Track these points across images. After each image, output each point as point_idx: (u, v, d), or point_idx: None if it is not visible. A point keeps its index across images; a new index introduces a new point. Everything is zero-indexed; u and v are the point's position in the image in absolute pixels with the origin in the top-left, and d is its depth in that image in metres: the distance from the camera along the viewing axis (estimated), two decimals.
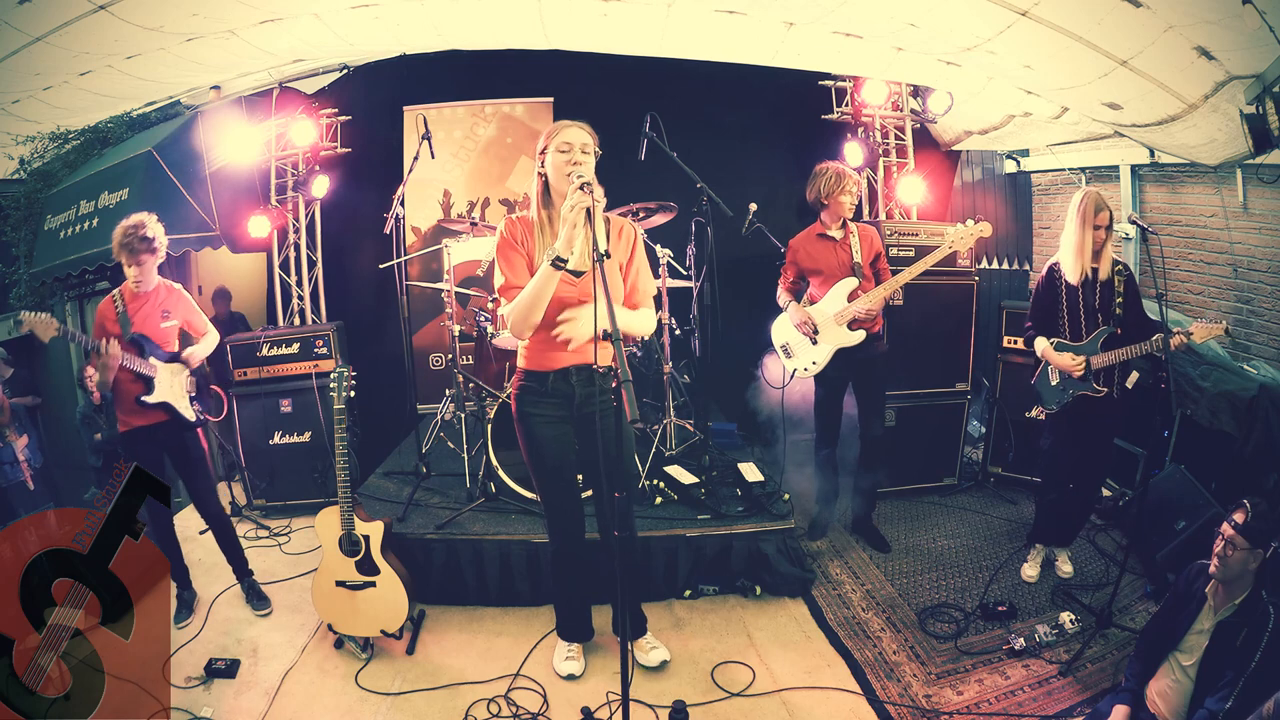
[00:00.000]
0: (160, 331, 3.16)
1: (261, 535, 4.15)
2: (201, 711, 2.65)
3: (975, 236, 3.33)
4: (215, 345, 3.41)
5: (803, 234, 3.60)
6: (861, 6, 2.93)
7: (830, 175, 3.45)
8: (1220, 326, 2.78)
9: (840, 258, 3.51)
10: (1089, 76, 2.92)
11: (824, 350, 3.52)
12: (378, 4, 3.36)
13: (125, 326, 3.06)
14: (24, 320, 2.78)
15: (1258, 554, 2.07)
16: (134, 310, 3.10)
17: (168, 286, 3.24)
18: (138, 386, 3.07)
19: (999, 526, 3.98)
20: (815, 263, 3.54)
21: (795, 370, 3.62)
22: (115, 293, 3.11)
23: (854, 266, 3.49)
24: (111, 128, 4.56)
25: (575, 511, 2.72)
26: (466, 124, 5.45)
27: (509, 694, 2.73)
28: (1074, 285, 3.06)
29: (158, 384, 3.10)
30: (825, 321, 3.49)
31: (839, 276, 3.49)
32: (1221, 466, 3.40)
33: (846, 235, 3.52)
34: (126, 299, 3.10)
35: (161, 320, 3.16)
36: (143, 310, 3.12)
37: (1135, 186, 4.48)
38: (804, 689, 2.73)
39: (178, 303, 3.24)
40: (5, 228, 4.47)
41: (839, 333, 3.48)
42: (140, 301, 3.12)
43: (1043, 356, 3.19)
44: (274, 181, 5.00)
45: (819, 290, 3.55)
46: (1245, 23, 2.14)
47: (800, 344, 3.58)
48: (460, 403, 4.01)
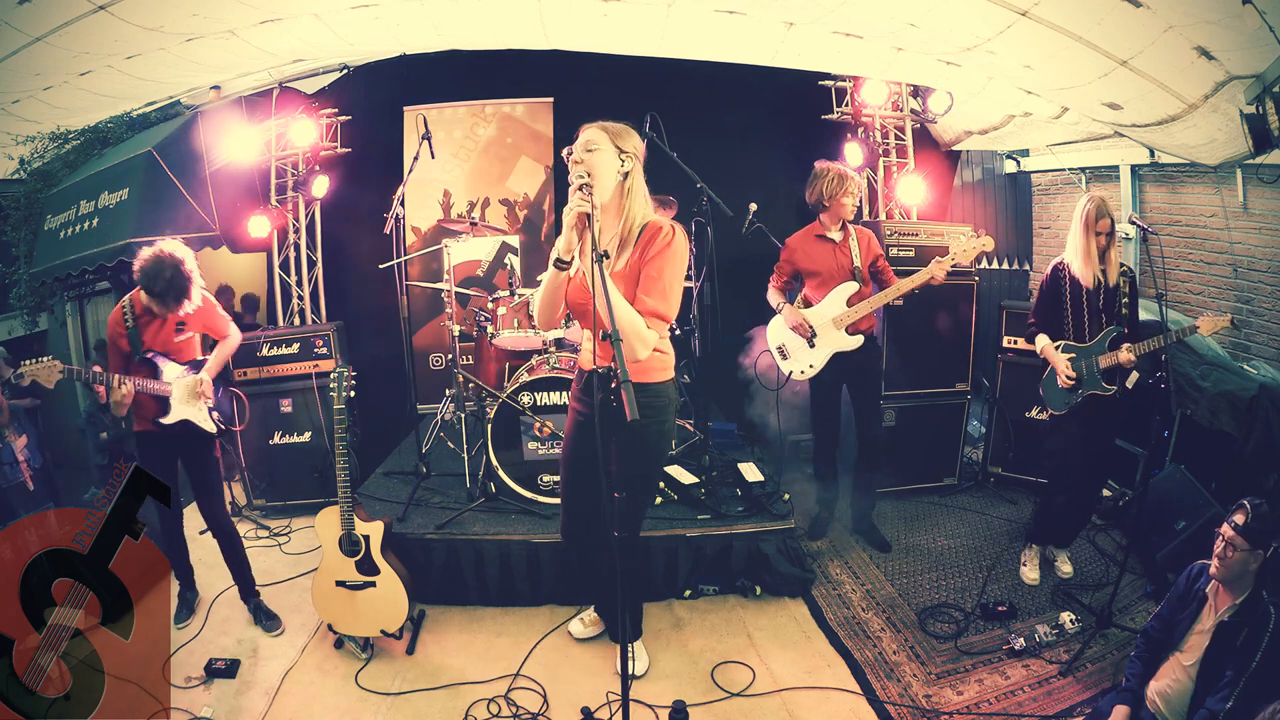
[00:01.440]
0: (175, 345, 3.00)
1: (261, 535, 4.15)
2: (201, 711, 2.65)
3: (977, 251, 3.30)
4: (237, 345, 3.26)
5: (800, 234, 3.59)
6: (861, 7, 2.93)
7: (832, 177, 3.43)
8: (1226, 319, 2.80)
9: (840, 261, 3.50)
10: (1089, 76, 2.92)
11: (821, 354, 3.50)
12: (378, 4, 3.36)
13: (136, 345, 2.90)
14: (24, 372, 2.63)
15: (1258, 555, 2.07)
16: (145, 324, 2.93)
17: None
18: (154, 405, 2.94)
19: (999, 526, 3.98)
20: (814, 264, 3.52)
21: (791, 373, 3.61)
22: (125, 304, 2.93)
23: (854, 270, 3.48)
24: (111, 128, 4.55)
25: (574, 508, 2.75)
26: (466, 124, 5.45)
27: (509, 694, 2.73)
28: (1084, 288, 3.07)
29: (173, 403, 2.96)
30: (824, 325, 3.48)
31: (838, 280, 3.48)
32: (1221, 466, 3.40)
33: (846, 238, 3.51)
34: (137, 312, 2.92)
35: (176, 334, 2.99)
36: (154, 325, 2.95)
37: (1135, 186, 4.48)
38: (804, 689, 2.73)
39: (196, 311, 3.02)
40: (5, 228, 4.46)
41: (837, 336, 3.47)
42: (153, 317, 2.94)
43: (1042, 354, 3.19)
44: (274, 181, 5.00)
45: (816, 292, 3.54)
46: (1245, 23, 2.13)
47: (797, 346, 3.57)
48: (460, 403, 4.01)
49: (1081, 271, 3.06)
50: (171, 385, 2.97)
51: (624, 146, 2.31)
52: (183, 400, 2.99)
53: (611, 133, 2.31)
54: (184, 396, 2.99)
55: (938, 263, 3.30)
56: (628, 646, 2.27)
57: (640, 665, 2.86)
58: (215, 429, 3.12)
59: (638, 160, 2.35)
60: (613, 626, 2.97)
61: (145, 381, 2.88)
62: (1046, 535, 3.46)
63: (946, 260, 3.29)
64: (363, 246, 5.13)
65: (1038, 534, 3.48)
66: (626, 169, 2.32)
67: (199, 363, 3.10)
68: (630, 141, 2.33)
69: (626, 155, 2.31)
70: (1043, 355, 3.19)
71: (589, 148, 2.28)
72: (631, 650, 2.89)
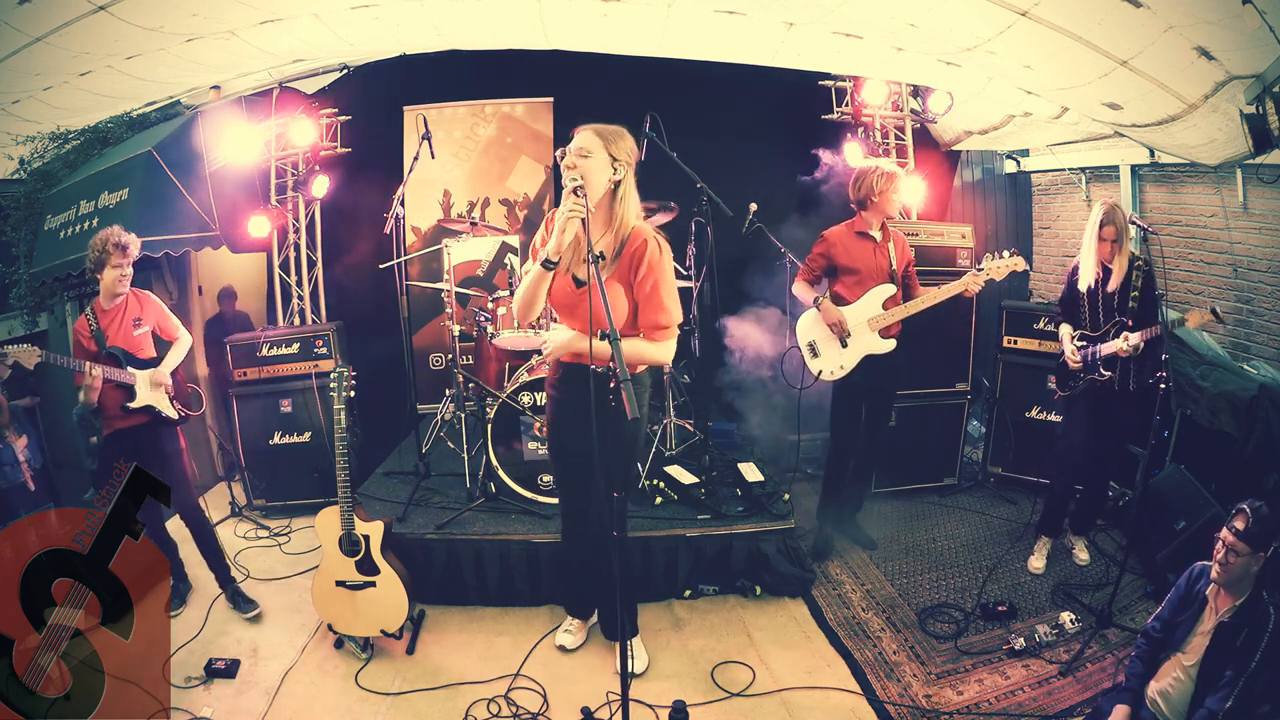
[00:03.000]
0: (133, 340, 3.23)
1: (261, 535, 4.15)
2: (201, 711, 2.65)
3: (1009, 269, 3.32)
4: (188, 348, 3.45)
5: (841, 228, 3.50)
6: (861, 7, 2.93)
7: (880, 173, 3.37)
8: (1206, 313, 2.91)
9: (879, 261, 3.44)
10: (1089, 77, 2.92)
11: (853, 355, 3.43)
12: (378, 4, 3.36)
13: (101, 342, 3.14)
14: (7, 353, 2.84)
15: (1259, 557, 2.07)
16: (105, 324, 3.17)
17: (135, 294, 3.29)
18: (120, 394, 3.15)
19: (999, 526, 3.98)
20: (854, 261, 3.43)
21: (821, 372, 3.51)
22: (87, 310, 3.21)
23: (891, 273, 3.44)
24: (111, 128, 4.55)
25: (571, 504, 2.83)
26: (466, 124, 5.45)
27: (509, 694, 2.74)
28: (1090, 287, 3.23)
29: (138, 390, 3.17)
30: (859, 325, 3.41)
31: (876, 280, 3.42)
32: (1221, 466, 3.40)
33: (886, 238, 3.47)
34: (98, 314, 3.18)
35: (134, 329, 3.23)
36: (114, 323, 3.19)
37: (1135, 186, 4.48)
38: (804, 689, 2.73)
39: (146, 308, 3.31)
40: (5, 228, 4.46)
41: (871, 339, 3.41)
42: (111, 315, 3.19)
43: (1061, 340, 3.40)
44: (274, 181, 4.99)
45: (850, 291, 3.44)
46: (1245, 23, 2.13)
47: (829, 345, 3.47)
48: (460, 403, 4.01)
49: (1084, 272, 3.25)
50: (134, 374, 3.18)
51: (616, 154, 2.34)
52: (144, 386, 3.21)
53: (605, 138, 2.34)
54: (145, 384, 3.21)
55: (973, 276, 3.33)
56: (628, 646, 2.28)
57: (640, 663, 2.86)
58: (178, 415, 3.32)
59: (629, 167, 2.39)
60: (609, 625, 2.98)
61: (112, 370, 3.10)
62: (1056, 525, 3.55)
63: (981, 275, 3.32)
64: (363, 246, 5.13)
65: (1046, 525, 3.56)
66: (619, 177, 2.36)
67: (155, 360, 3.30)
68: (623, 147, 2.36)
69: (619, 163, 2.35)
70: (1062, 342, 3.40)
71: (582, 154, 2.30)
72: (630, 648, 2.90)
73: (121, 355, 3.17)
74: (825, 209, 4.66)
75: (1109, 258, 3.17)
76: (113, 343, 3.17)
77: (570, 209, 2.16)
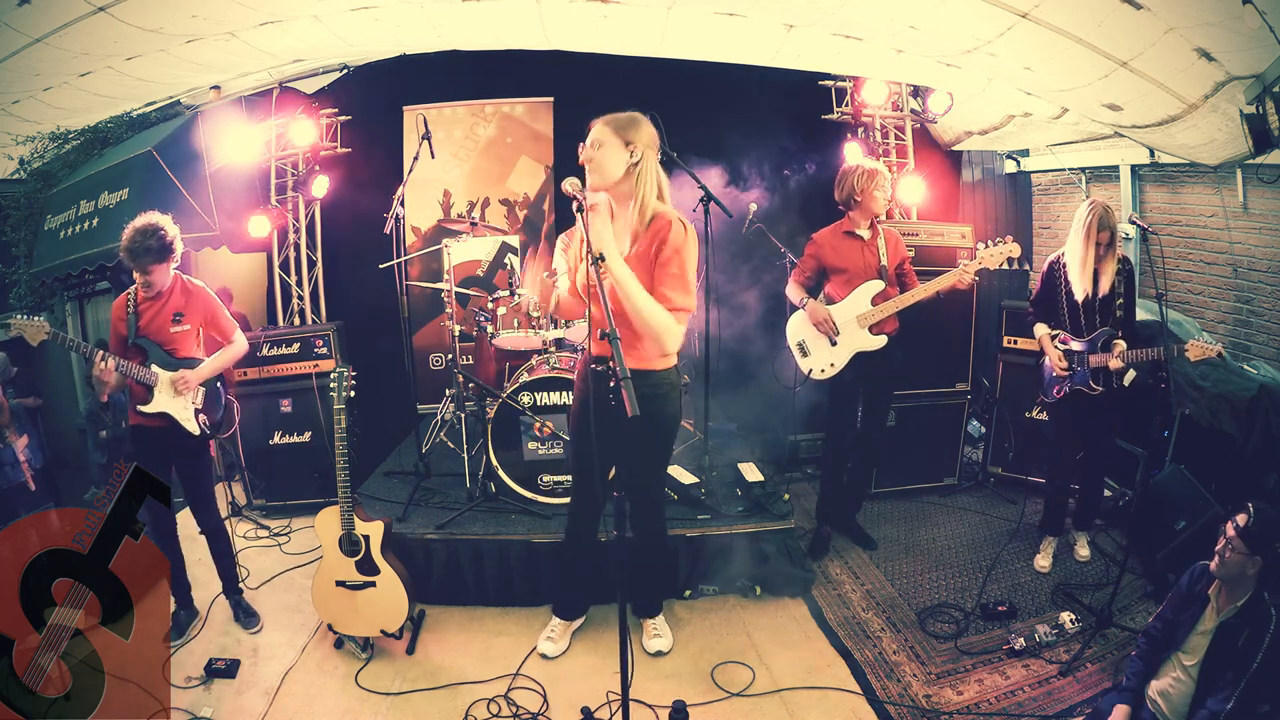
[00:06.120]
0: (170, 335, 2.95)
1: (261, 535, 4.15)
2: (201, 711, 2.65)
3: (1004, 256, 3.28)
4: (240, 354, 3.19)
5: (828, 230, 3.52)
6: (861, 9, 2.93)
7: (862, 172, 3.37)
8: (1215, 349, 2.88)
9: (867, 259, 3.44)
10: (1089, 78, 2.93)
11: (843, 353, 3.44)
12: (377, 6, 3.36)
13: (132, 328, 2.90)
14: (13, 325, 2.66)
15: (1255, 560, 2.06)
16: (144, 309, 2.93)
17: (185, 286, 3.02)
18: (141, 390, 2.93)
19: (999, 526, 3.98)
20: (841, 261, 3.45)
21: (811, 370, 3.52)
22: (130, 290, 2.95)
23: (880, 269, 3.43)
24: (111, 128, 4.55)
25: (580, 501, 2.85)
26: (466, 124, 5.45)
27: (509, 694, 2.73)
28: (1078, 290, 3.14)
29: (157, 393, 2.92)
30: (847, 323, 3.42)
31: (864, 278, 3.43)
32: (1221, 466, 3.41)
33: (874, 236, 3.46)
34: (139, 298, 2.93)
35: (172, 324, 2.95)
36: (152, 311, 2.94)
37: (1135, 186, 4.49)
38: (804, 689, 2.73)
39: (193, 303, 3.01)
40: (5, 228, 4.47)
41: (860, 336, 3.41)
42: (151, 302, 2.94)
43: (1039, 343, 3.31)
44: (274, 181, 5.00)
45: (839, 290, 3.46)
46: (1245, 23, 2.14)
47: (818, 343, 3.49)
48: (460, 403, 4.01)
49: (1076, 278, 3.13)
50: (156, 374, 2.92)
51: (630, 137, 2.35)
52: (164, 391, 2.94)
53: (616, 125, 2.36)
54: (166, 388, 2.94)
55: (964, 267, 3.29)
56: (628, 646, 2.27)
57: (665, 642, 2.93)
58: (199, 430, 3.03)
59: (650, 149, 2.39)
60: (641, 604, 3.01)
61: (131, 365, 2.85)
62: (1058, 524, 3.56)
63: (973, 265, 3.28)
64: (363, 246, 5.12)
65: (1049, 524, 3.58)
66: (636, 159, 2.36)
67: (195, 361, 3.04)
68: (638, 131, 2.37)
69: (634, 146, 2.35)
70: (1040, 345, 3.32)
71: (595, 146, 2.35)
72: (655, 626, 2.98)
73: (150, 348, 2.92)
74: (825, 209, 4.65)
75: (1101, 263, 3.09)
76: (145, 333, 2.91)
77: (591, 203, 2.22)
